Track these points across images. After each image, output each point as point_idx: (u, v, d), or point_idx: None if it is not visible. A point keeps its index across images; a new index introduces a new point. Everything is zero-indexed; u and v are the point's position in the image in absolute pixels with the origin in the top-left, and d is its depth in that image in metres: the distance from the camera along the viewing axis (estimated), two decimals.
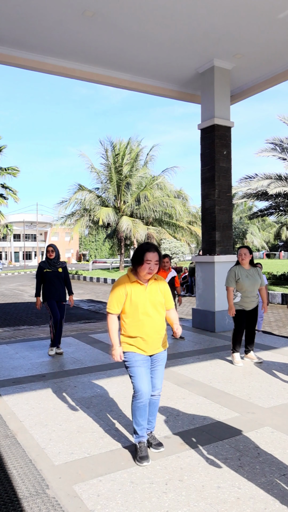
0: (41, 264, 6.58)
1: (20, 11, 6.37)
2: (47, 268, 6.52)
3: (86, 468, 3.09)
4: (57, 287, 6.52)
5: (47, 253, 6.58)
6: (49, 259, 6.56)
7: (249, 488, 2.79)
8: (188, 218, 37.76)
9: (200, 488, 2.80)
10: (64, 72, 8.14)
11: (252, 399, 4.49)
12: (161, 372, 3.38)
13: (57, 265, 6.57)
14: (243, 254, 5.83)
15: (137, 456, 3.19)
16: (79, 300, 16.35)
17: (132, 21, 6.69)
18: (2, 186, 37.35)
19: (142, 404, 3.20)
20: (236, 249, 6.05)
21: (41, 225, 75.64)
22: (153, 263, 3.17)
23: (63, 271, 6.62)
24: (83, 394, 4.66)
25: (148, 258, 3.15)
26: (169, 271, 7.43)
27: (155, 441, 3.40)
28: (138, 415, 3.23)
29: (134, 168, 32.09)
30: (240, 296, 5.83)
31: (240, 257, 5.86)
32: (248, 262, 5.87)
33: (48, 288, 6.49)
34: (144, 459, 3.16)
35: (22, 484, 2.87)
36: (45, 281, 6.51)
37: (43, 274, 6.52)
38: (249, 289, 5.76)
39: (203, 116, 8.80)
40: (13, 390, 4.83)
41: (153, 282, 3.30)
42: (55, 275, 6.52)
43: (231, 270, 5.89)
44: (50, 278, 6.49)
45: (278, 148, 18.88)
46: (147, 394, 3.19)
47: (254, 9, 6.40)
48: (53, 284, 6.49)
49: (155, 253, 3.20)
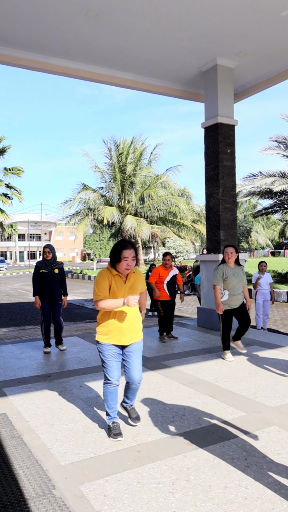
0: (37, 264, 6.67)
1: (23, 12, 6.38)
2: (43, 268, 6.61)
3: (92, 468, 3.10)
4: (53, 287, 6.60)
5: (43, 254, 6.68)
6: (45, 260, 6.65)
7: (256, 488, 2.78)
8: (192, 217, 37.72)
9: (207, 488, 2.79)
10: (67, 72, 8.15)
11: (258, 398, 4.47)
12: (137, 363, 3.64)
13: (54, 266, 6.66)
14: (229, 253, 5.98)
15: (111, 434, 3.55)
16: (84, 300, 16.38)
17: (135, 20, 6.68)
18: (6, 186, 37.45)
19: (113, 389, 3.59)
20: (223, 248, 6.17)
21: (45, 225, 75.83)
22: (130, 259, 3.40)
23: (59, 272, 6.70)
24: (88, 394, 4.66)
25: (125, 255, 3.37)
26: (171, 269, 7.45)
27: (134, 414, 3.82)
28: (109, 400, 3.60)
29: (138, 167, 32.09)
30: (227, 294, 5.92)
31: (226, 256, 6.01)
32: (233, 261, 6.04)
33: (44, 288, 6.58)
34: (118, 435, 3.53)
35: (29, 485, 2.88)
36: (41, 282, 6.59)
37: (39, 274, 6.60)
38: (236, 286, 5.91)
39: (207, 115, 8.78)
40: (19, 390, 4.84)
41: (131, 274, 3.56)
42: (51, 276, 6.61)
43: (218, 268, 5.98)
44: (46, 279, 6.58)
45: (282, 146, 18.82)
46: (117, 379, 3.58)
47: (257, 7, 6.37)
48: (49, 285, 6.57)
49: (132, 249, 3.41)
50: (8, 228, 43.46)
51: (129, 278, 3.52)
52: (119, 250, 3.39)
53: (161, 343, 7.23)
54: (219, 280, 5.90)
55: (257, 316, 8.65)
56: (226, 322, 6.03)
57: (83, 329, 9.25)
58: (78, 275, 30.83)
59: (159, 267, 7.45)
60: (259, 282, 8.53)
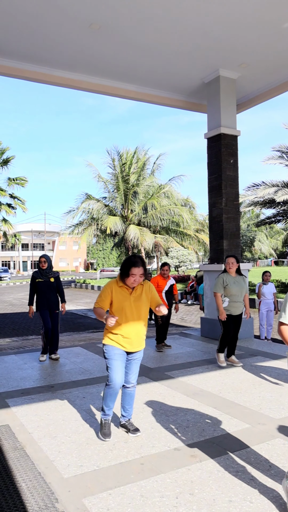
0: (34, 274, 6.79)
1: (27, 25, 6.46)
2: (39, 278, 6.73)
3: (95, 481, 3.07)
4: (49, 296, 6.71)
5: (39, 264, 6.80)
6: (41, 269, 6.77)
7: (261, 502, 2.74)
8: (195, 226, 37.73)
9: (211, 502, 2.76)
10: (71, 84, 8.23)
11: (262, 409, 4.43)
12: (136, 368, 3.88)
13: (49, 275, 6.77)
14: (230, 263, 6.21)
15: (101, 431, 3.76)
16: (87, 309, 16.35)
17: (138, 33, 6.76)
18: (10, 196, 37.61)
19: (114, 391, 3.69)
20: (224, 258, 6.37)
21: (49, 234, 75.99)
22: (137, 276, 3.59)
23: (55, 281, 6.80)
24: (91, 405, 4.63)
25: (133, 272, 3.56)
26: (168, 279, 7.56)
27: (133, 427, 3.88)
28: (109, 400, 3.73)
29: (141, 177, 32.19)
30: (228, 301, 6.16)
31: (227, 265, 6.23)
32: (235, 271, 6.26)
33: (41, 298, 6.70)
34: (107, 435, 3.72)
35: (32, 498, 2.85)
36: (38, 291, 6.72)
37: (35, 284, 6.72)
38: (237, 294, 6.14)
39: (210, 125, 8.83)
40: (22, 401, 4.82)
41: (139, 286, 3.76)
42: (47, 285, 6.72)
43: (219, 277, 6.22)
44: (42, 288, 6.69)
45: (284, 156, 18.87)
46: (119, 384, 3.68)
47: (259, 19, 6.44)
48: (45, 294, 6.69)
49: (141, 267, 3.58)
50: (11, 237, 43.59)
51: (135, 289, 3.74)
52: (128, 266, 3.58)
53: (161, 352, 7.21)
54: (219, 288, 6.13)
55: (260, 326, 8.61)
56: (227, 326, 6.21)
57: (86, 339, 9.22)
58: (81, 285, 30.82)
59: (157, 277, 7.52)
60: (263, 292, 8.50)
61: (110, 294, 3.71)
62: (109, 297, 3.71)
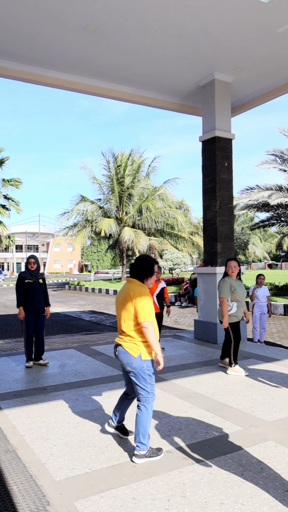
0: (22, 274, 6.55)
1: (22, 26, 6.47)
2: (29, 278, 6.52)
3: (87, 484, 3.06)
4: (37, 298, 6.55)
5: (28, 264, 6.60)
6: (30, 270, 6.58)
7: (252, 504, 2.75)
8: (189, 229, 37.83)
9: (203, 505, 2.76)
10: (66, 85, 8.23)
11: (255, 412, 4.44)
12: None
13: (38, 276, 6.62)
14: (233, 267, 6.10)
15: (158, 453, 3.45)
16: (81, 311, 16.32)
17: (134, 35, 6.78)
18: (4, 197, 37.51)
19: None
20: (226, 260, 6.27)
21: (43, 236, 75.82)
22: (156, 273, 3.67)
23: (43, 282, 6.67)
24: (84, 408, 4.62)
25: (155, 269, 3.62)
26: (159, 282, 7.38)
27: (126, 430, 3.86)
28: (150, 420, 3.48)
29: (136, 179, 32.24)
30: (236, 306, 6.02)
31: (230, 269, 6.10)
32: (236, 274, 6.15)
33: (29, 299, 6.48)
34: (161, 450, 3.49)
35: (23, 501, 2.84)
36: (26, 292, 6.48)
37: (24, 285, 6.49)
38: (242, 298, 6.07)
39: (204, 129, 8.87)
40: (14, 404, 4.79)
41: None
42: (36, 286, 6.56)
43: (225, 281, 6.02)
44: (32, 289, 6.51)
45: (278, 160, 18.98)
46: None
47: (254, 23, 6.48)
48: (34, 295, 6.51)
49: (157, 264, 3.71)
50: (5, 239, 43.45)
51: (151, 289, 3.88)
52: (152, 265, 3.58)
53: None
54: (227, 293, 5.95)
55: (254, 329, 8.63)
56: (237, 332, 6.07)
57: (80, 341, 9.20)
58: (75, 287, 30.76)
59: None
60: (256, 295, 8.53)
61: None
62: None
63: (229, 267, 6.10)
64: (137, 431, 3.41)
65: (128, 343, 3.46)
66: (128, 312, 3.42)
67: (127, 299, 3.46)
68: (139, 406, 3.44)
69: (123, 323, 3.49)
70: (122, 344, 3.48)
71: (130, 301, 3.42)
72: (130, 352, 3.42)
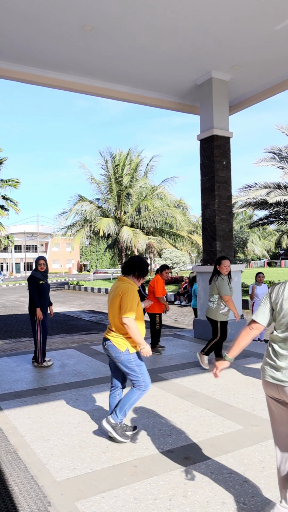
0: (35, 275, 6.48)
1: (19, 26, 6.44)
2: (42, 279, 6.50)
3: (88, 484, 3.05)
4: (48, 298, 6.64)
5: (38, 266, 6.56)
6: (40, 271, 6.54)
7: (254, 504, 2.74)
8: (188, 228, 37.81)
9: (205, 504, 2.75)
10: (64, 85, 8.21)
11: (256, 411, 4.44)
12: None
13: (47, 277, 6.67)
14: (227, 266, 6.12)
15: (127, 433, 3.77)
16: (80, 311, 16.31)
17: (130, 35, 6.76)
18: (3, 198, 37.46)
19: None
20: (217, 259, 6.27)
21: (42, 236, 75.74)
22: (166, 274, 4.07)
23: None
24: (84, 408, 4.61)
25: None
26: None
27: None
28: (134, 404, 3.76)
29: (134, 178, 32.21)
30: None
31: (225, 268, 6.12)
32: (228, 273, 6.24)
33: (43, 300, 6.50)
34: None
35: (24, 501, 2.83)
36: (41, 293, 6.46)
37: (39, 286, 6.45)
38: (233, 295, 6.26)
39: (202, 127, 8.85)
40: (14, 404, 4.79)
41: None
42: (48, 287, 6.63)
43: (223, 280, 6.07)
44: (45, 290, 6.55)
45: (277, 157, 18.97)
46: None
47: (251, 21, 6.47)
48: (45, 296, 6.56)
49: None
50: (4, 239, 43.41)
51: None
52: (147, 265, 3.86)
53: (158, 355, 7.19)
54: (229, 291, 6.04)
55: None
56: (225, 332, 6.15)
57: (80, 341, 9.19)
58: (74, 286, 30.74)
59: (161, 281, 7.38)
60: (256, 293, 8.53)
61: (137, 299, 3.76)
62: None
63: (223, 265, 6.10)
64: (120, 403, 3.75)
65: (115, 338, 3.70)
66: (116, 309, 3.68)
67: (115, 297, 3.70)
68: (133, 388, 3.72)
69: (112, 318, 3.74)
70: (110, 339, 3.72)
71: (119, 298, 3.66)
72: (118, 346, 3.67)
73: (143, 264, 3.80)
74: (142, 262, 3.81)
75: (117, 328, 3.70)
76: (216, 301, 6.09)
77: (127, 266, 3.82)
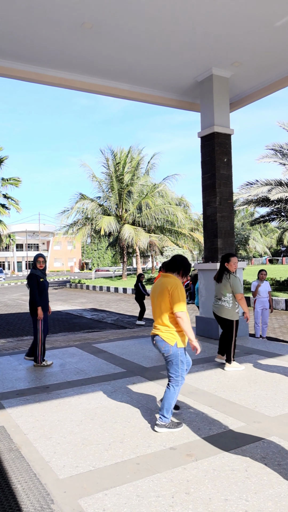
0: (35, 273, 6.43)
1: (19, 24, 6.43)
2: (42, 277, 6.46)
3: (91, 481, 3.06)
4: (47, 297, 6.59)
5: (37, 263, 6.48)
6: (39, 269, 6.49)
7: (257, 500, 2.75)
8: (190, 225, 37.82)
9: (207, 501, 2.76)
10: (64, 83, 8.20)
11: (258, 408, 4.44)
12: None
13: (45, 275, 6.62)
14: (236, 263, 6.09)
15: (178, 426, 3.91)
16: (82, 309, 16.33)
17: (131, 32, 6.74)
18: (4, 196, 37.52)
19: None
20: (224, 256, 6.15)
21: (43, 235, 75.81)
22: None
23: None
24: (87, 405, 4.62)
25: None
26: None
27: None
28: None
29: (135, 176, 32.20)
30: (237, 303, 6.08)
31: (234, 265, 6.06)
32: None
33: (44, 298, 6.45)
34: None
35: (27, 499, 2.84)
36: (42, 292, 6.41)
37: (40, 284, 6.41)
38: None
39: (203, 124, 8.83)
40: (17, 402, 4.80)
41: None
42: (48, 285, 6.60)
43: (236, 278, 6.02)
44: (45, 288, 6.49)
45: (278, 154, 18.92)
46: None
47: (252, 17, 6.45)
48: (45, 295, 6.50)
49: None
50: (6, 238, 43.48)
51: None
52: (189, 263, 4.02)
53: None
54: (242, 288, 6.00)
55: (256, 324, 8.63)
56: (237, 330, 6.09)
57: (82, 339, 9.20)
58: (76, 285, 30.77)
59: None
60: (258, 290, 8.52)
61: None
62: None
63: (232, 263, 6.01)
64: (163, 405, 3.87)
65: (164, 333, 3.83)
66: (165, 304, 3.79)
67: (164, 292, 3.80)
68: (169, 385, 3.89)
69: (160, 313, 3.86)
70: (160, 334, 3.86)
71: (167, 293, 3.77)
72: (167, 341, 3.80)
73: (187, 263, 3.96)
74: (186, 260, 3.97)
75: (166, 323, 3.82)
76: (231, 300, 5.98)
77: (171, 264, 3.97)
